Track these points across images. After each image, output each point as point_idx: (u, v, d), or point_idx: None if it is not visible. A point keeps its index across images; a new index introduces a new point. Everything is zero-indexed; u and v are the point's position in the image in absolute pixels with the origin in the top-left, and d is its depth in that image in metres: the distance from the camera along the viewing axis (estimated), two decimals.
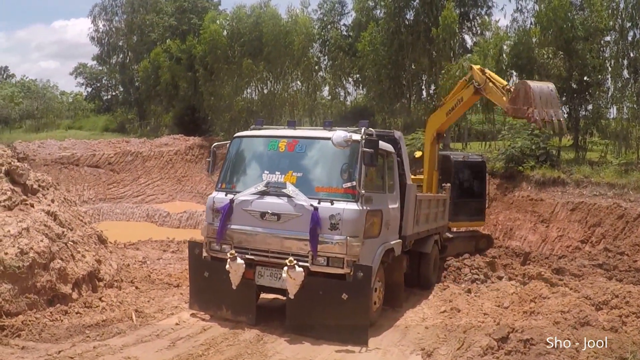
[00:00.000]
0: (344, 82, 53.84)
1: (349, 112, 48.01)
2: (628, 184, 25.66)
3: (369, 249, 11.46)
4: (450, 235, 19.93)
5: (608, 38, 35.36)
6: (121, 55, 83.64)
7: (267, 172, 11.70)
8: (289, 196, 11.18)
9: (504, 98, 17.71)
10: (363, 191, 11.03)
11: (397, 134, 14.21)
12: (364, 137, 11.22)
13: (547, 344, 7.76)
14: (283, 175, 11.48)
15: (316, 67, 52.51)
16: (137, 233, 25.27)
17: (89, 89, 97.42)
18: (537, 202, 27.19)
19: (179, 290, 14.16)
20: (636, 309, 10.39)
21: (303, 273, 10.69)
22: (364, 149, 10.98)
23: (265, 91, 54.21)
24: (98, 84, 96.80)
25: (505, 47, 38.57)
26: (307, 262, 10.92)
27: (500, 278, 16.26)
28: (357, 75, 50.38)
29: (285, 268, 10.55)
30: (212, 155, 13.37)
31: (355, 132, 11.60)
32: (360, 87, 53.00)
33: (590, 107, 36.07)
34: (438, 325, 11.90)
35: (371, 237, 11.54)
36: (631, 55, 33.94)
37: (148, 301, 13.22)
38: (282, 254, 11.11)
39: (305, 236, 10.86)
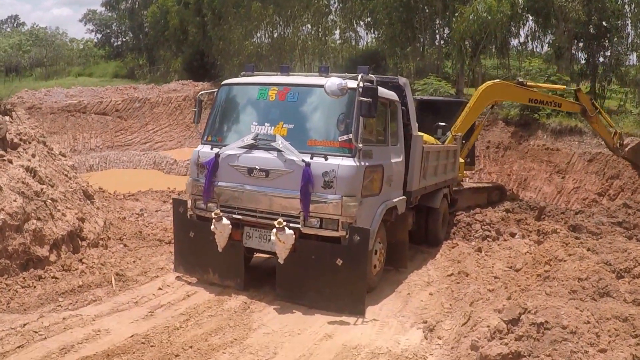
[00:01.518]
0: (355, 26, 52.54)
1: (359, 56, 46.78)
2: None
3: (368, 208, 10.48)
4: (461, 188, 19.02)
5: None
6: (130, 1, 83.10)
7: (256, 124, 10.66)
8: (278, 150, 10.15)
9: (613, 137, 20.58)
10: (361, 145, 9.96)
11: (402, 80, 13.05)
12: (360, 84, 10.12)
13: (564, 327, 6.80)
14: (273, 127, 10.44)
15: (326, 10, 51.14)
16: (143, 181, 24.74)
17: (99, 36, 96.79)
18: (553, 152, 26.37)
19: (169, 248, 13.20)
20: None
21: (293, 236, 9.76)
22: (361, 97, 9.85)
23: (275, 35, 53.25)
24: (108, 31, 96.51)
25: None
26: (298, 223, 10.00)
27: (513, 235, 15.34)
28: (369, 19, 48.90)
29: (274, 230, 9.63)
30: (197, 105, 12.22)
31: (352, 78, 10.45)
32: (372, 31, 51.60)
33: (608, 53, 34.84)
34: (444, 291, 11.04)
35: (370, 195, 10.55)
36: None
37: (134, 262, 12.40)
38: (271, 214, 10.21)
39: (296, 195, 9.87)
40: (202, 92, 12.79)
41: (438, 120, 18.64)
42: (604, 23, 34.02)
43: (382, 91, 11.15)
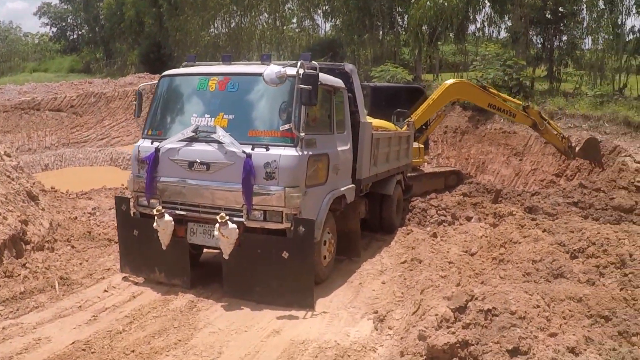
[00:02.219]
0: (313, 14, 52.26)
1: (317, 44, 46.42)
2: (603, 116, 25.27)
3: (314, 198, 10.22)
4: (415, 174, 18.84)
5: None
6: None
7: (196, 116, 10.33)
8: (219, 142, 9.83)
9: (562, 142, 21.26)
10: (303, 134, 9.67)
11: (349, 66, 12.83)
12: (300, 71, 9.78)
13: (512, 313, 6.60)
14: (213, 118, 10.12)
15: None
16: (100, 178, 24.12)
17: (54, 29, 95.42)
18: (510, 135, 26.37)
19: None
20: (615, 259, 9.30)
21: (237, 230, 9.48)
22: (301, 85, 9.56)
23: (233, 25, 52.87)
24: (63, 24, 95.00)
25: None
26: (242, 217, 9.71)
27: (469, 219, 15.31)
28: (326, 7, 48.63)
29: (217, 225, 9.32)
30: (138, 98, 11.87)
31: (293, 66, 10.15)
32: (330, 19, 51.30)
33: (564, 37, 35.03)
34: (396, 279, 10.83)
35: (316, 185, 10.29)
36: None
37: (80, 264, 11.95)
38: (214, 209, 9.89)
39: (238, 187, 9.56)
40: (142, 85, 12.49)
41: (394, 107, 18.54)
42: (559, 8, 34.03)
43: (326, 78, 10.97)
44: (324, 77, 10.71)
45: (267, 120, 10.07)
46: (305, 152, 9.76)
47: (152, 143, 10.52)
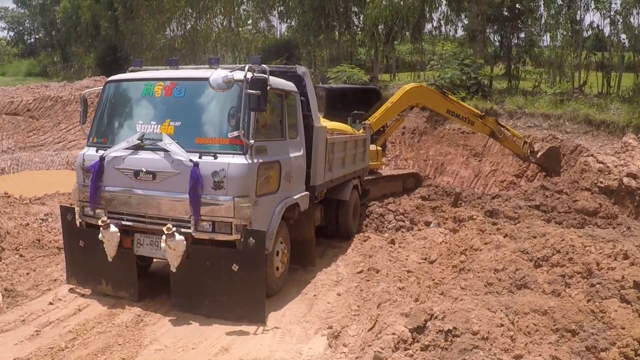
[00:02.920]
0: (269, 15, 51.76)
1: (273, 46, 45.96)
2: (564, 115, 25.38)
3: (265, 208, 9.74)
4: (373, 177, 18.43)
5: None
6: None
7: (142, 122, 9.81)
8: (165, 150, 9.34)
9: (523, 147, 21.39)
10: (252, 141, 9.20)
11: (301, 69, 12.28)
12: (248, 75, 9.33)
13: (474, 333, 6.10)
14: (159, 125, 9.61)
15: (238, 0, 50.07)
16: (56, 182, 23.43)
17: (12, 34, 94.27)
18: (469, 136, 25.96)
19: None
20: (581, 268, 8.86)
21: (184, 242, 9.00)
22: (249, 90, 9.09)
23: (188, 27, 52.31)
24: (21, 28, 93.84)
25: None
26: (189, 228, 9.21)
27: (428, 224, 14.93)
28: (282, 8, 48.18)
29: (163, 237, 8.80)
30: (82, 104, 11.30)
31: (242, 69, 9.66)
32: (285, 20, 50.92)
33: (522, 35, 34.84)
34: (352, 290, 10.33)
35: (267, 193, 9.80)
36: None
37: (27, 274, 11.32)
38: (161, 219, 9.39)
39: (185, 197, 9.08)
40: (87, 90, 11.95)
41: (350, 109, 18.18)
42: (517, 5, 33.83)
43: (277, 82, 10.55)
44: (275, 81, 10.32)
45: (215, 127, 9.60)
46: (255, 160, 9.30)
47: (97, 151, 10.04)
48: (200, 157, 9.08)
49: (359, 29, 42.36)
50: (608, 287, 8.12)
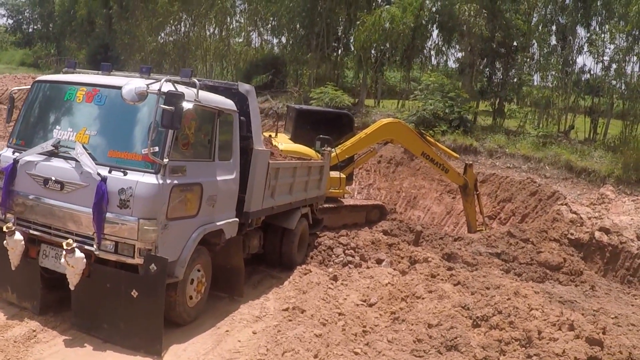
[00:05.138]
0: (261, 29, 51.10)
1: (260, 60, 45.25)
2: (545, 158, 24.97)
3: (178, 232, 8.92)
4: (333, 205, 17.60)
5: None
6: None
7: (59, 128, 9.14)
8: (77, 160, 8.61)
9: (477, 224, 21.02)
10: (166, 160, 8.36)
11: (245, 87, 11.35)
12: (163, 89, 8.46)
13: None
14: (75, 133, 8.91)
15: (231, 11, 49.44)
16: None
17: (10, 21, 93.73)
18: None
19: None
20: (520, 334, 7.94)
21: (84, 260, 8.25)
22: (162, 105, 8.21)
23: (181, 33, 51.75)
24: (20, 17, 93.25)
25: (427, 0, 36.41)
26: (93, 245, 8.45)
27: (380, 262, 13.95)
28: (274, 22, 47.52)
29: (63, 252, 8.13)
30: (10, 102, 10.78)
31: (168, 81, 8.85)
32: (276, 35, 50.26)
33: (512, 72, 34.13)
34: (270, 330, 9.34)
35: (182, 217, 8.98)
36: (560, 20, 32.80)
37: None
38: (66, 232, 8.70)
39: (90, 212, 8.32)
40: (14, 88, 11.46)
41: (320, 132, 17.43)
42: (507, 41, 33.17)
43: (209, 98, 9.76)
44: (206, 97, 9.56)
45: (129, 141, 8.79)
46: (169, 181, 8.50)
47: (13, 153, 9.45)
48: (110, 172, 8.37)
49: (346, 52, 41.67)
50: None
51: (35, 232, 9.05)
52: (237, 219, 10.64)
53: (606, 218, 16.38)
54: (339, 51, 42.53)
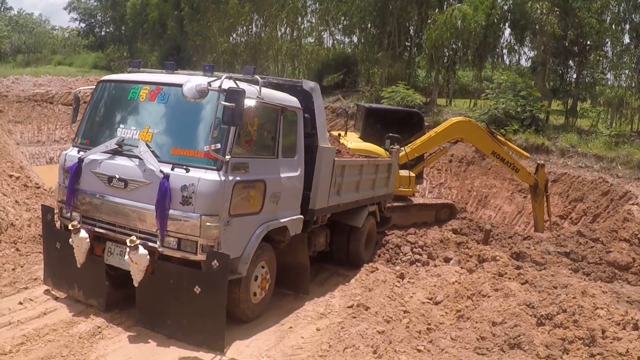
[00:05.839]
0: (332, 29, 51.25)
1: (332, 60, 45.43)
2: (617, 158, 24.44)
3: (241, 229, 9.01)
4: (403, 204, 17.65)
5: None
6: None
7: (123, 127, 9.30)
8: (140, 158, 8.77)
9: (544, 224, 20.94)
10: (228, 156, 8.47)
11: (309, 84, 11.40)
12: (223, 86, 8.59)
13: None
14: (139, 131, 9.07)
15: (302, 12, 49.68)
16: None
17: (83, 25, 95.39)
18: None
19: None
20: (584, 333, 7.91)
21: (147, 257, 8.38)
22: (223, 102, 8.29)
23: (253, 33, 52.28)
24: (92, 20, 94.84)
25: None
26: (156, 242, 8.58)
27: (447, 260, 13.84)
28: (346, 22, 47.55)
29: (127, 249, 8.25)
30: (75, 102, 10.84)
31: (229, 78, 8.93)
32: (348, 35, 50.21)
33: (585, 71, 33.58)
34: (334, 327, 9.43)
35: (245, 214, 9.07)
36: (634, 18, 31.99)
37: (13, 269, 10.96)
38: (130, 230, 8.84)
39: (153, 209, 8.45)
40: (80, 88, 11.46)
41: (389, 131, 17.64)
42: (580, 40, 32.66)
43: (272, 95, 9.87)
44: (269, 94, 9.65)
45: (192, 138, 8.91)
46: (231, 178, 8.59)
47: (78, 152, 9.61)
48: (172, 169, 8.49)
49: (418, 51, 41.53)
50: None
51: (100, 230, 9.21)
52: (301, 216, 10.72)
53: None
54: (411, 50, 42.39)
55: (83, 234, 8.94)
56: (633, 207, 17.35)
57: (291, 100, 10.44)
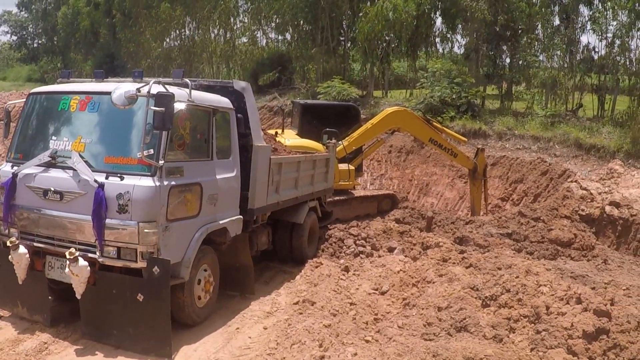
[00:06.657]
0: (265, 28, 51.20)
1: (266, 58, 45.25)
2: (554, 137, 24.85)
3: (180, 233, 8.92)
4: (344, 197, 17.65)
5: None
6: (43, 2, 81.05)
7: (55, 138, 9.15)
8: (74, 169, 8.61)
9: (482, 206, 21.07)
10: (162, 162, 8.37)
11: (240, 84, 11.33)
12: (152, 91, 8.44)
13: None
14: (71, 142, 8.93)
15: (234, 12, 49.50)
16: None
17: (14, 38, 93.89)
18: None
19: None
20: (529, 311, 7.95)
21: (88, 268, 8.26)
22: (152, 107, 8.18)
23: (186, 37, 51.94)
24: (24, 32, 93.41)
25: None
26: (96, 253, 8.45)
27: (391, 250, 13.91)
28: (278, 20, 47.48)
29: (67, 262, 8.13)
30: (5, 116, 10.69)
31: (157, 83, 8.83)
32: (281, 33, 50.13)
33: (517, 55, 33.96)
34: (280, 325, 9.37)
35: (183, 218, 8.98)
36: (563, 0, 32.22)
37: None
38: (69, 242, 8.68)
39: (90, 220, 8.31)
40: (9, 102, 11.48)
41: (326, 126, 17.60)
42: (511, 24, 32.98)
43: (203, 97, 9.78)
44: (200, 97, 9.55)
45: (123, 146, 8.78)
46: (166, 182, 8.49)
47: (12, 167, 9.42)
48: (106, 178, 8.37)
49: (352, 45, 41.60)
50: (555, 335, 7.37)
51: (39, 244, 9.05)
52: (241, 217, 10.65)
53: (616, 192, 16.36)
54: (345, 44, 42.52)
55: (22, 249, 8.80)
56: (572, 184, 17.57)
57: (223, 101, 10.35)
